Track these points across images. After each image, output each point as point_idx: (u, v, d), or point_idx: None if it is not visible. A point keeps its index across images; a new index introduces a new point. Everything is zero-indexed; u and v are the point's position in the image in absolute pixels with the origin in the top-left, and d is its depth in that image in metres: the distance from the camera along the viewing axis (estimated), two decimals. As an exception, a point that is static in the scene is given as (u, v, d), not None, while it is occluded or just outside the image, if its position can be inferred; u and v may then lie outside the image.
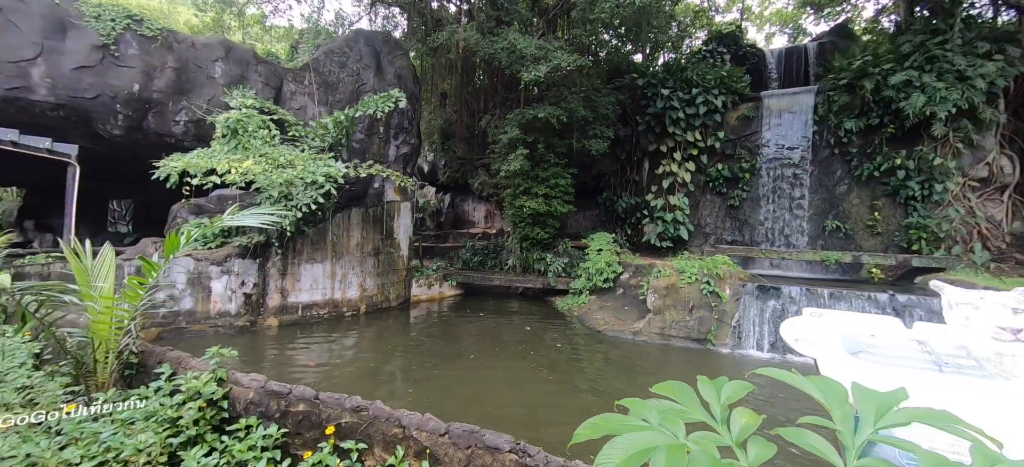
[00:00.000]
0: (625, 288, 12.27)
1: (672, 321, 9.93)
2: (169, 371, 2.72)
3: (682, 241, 14.47)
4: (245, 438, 2.29)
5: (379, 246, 11.84)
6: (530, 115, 13.12)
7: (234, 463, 2.20)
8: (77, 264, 2.84)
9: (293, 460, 2.24)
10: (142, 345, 3.07)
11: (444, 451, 1.86)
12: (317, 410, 2.29)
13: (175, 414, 2.41)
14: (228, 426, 2.45)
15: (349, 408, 2.22)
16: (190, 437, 2.35)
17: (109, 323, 2.77)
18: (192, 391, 2.49)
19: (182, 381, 2.56)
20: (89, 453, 2.19)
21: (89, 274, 2.86)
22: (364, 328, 10.51)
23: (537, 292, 14.75)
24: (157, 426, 2.35)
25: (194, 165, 8.06)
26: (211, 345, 3.22)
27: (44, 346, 3.06)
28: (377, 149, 12.65)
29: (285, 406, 2.35)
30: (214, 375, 2.57)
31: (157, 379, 2.77)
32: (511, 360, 8.35)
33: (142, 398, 2.58)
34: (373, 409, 2.18)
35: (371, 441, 2.12)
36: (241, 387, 2.53)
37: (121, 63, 9.53)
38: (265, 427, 2.32)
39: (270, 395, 2.41)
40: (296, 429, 2.32)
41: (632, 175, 16.74)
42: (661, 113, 14.81)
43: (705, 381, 1.23)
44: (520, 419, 5.68)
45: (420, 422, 2.03)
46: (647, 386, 6.14)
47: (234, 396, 2.53)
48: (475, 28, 12.91)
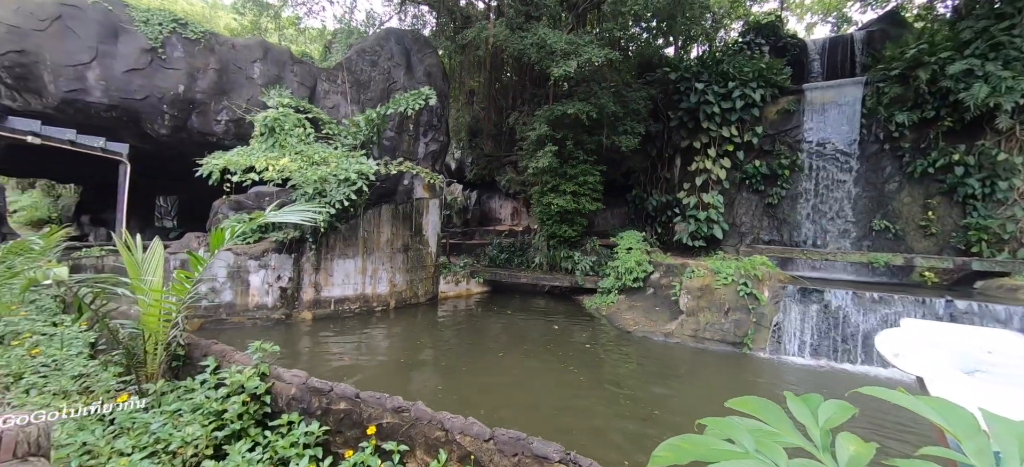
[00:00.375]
0: (656, 288, 11.94)
1: (706, 323, 9.58)
2: (214, 364, 2.78)
3: (716, 241, 13.97)
4: (287, 434, 2.29)
5: (408, 242, 11.96)
6: (559, 111, 12.94)
7: (277, 459, 2.21)
8: (128, 258, 2.93)
9: (334, 458, 2.22)
10: (188, 337, 3.15)
11: (489, 458, 1.79)
12: (358, 409, 2.26)
13: (220, 407, 2.44)
14: (270, 421, 2.47)
15: (390, 408, 2.19)
16: (234, 431, 2.38)
17: (158, 315, 2.85)
18: (236, 385, 2.52)
19: (226, 375, 2.60)
20: (140, 443, 2.24)
21: (140, 268, 2.95)
22: (393, 323, 10.65)
23: (564, 290, 14.59)
24: (203, 418, 2.39)
25: (234, 163, 8.34)
26: (249, 337, 3.28)
27: (98, 337, 3.19)
28: (407, 146, 12.77)
29: (326, 404, 2.34)
30: (257, 370, 2.60)
31: (202, 372, 2.83)
32: (540, 359, 8.25)
33: (188, 390, 2.64)
34: (415, 410, 2.13)
35: (413, 443, 2.08)
36: (283, 383, 2.55)
37: (168, 65, 9.97)
38: (307, 424, 2.32)
39: (312, 392, 2.41)
40: (337, 427, 2.30)
41: (663, 172, 16.29)
42: (695, 108, 14.32)
43: (795, 398, 1.10)
44: (554, 422, 5.58)
45: (463, 426, 1.97)
46: (683, 390, 5.99)
47: (276, 391, 2.54)
48: (504, 24, 12.82)
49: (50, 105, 9.40)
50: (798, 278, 10.12)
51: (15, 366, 3.20)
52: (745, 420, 1.06)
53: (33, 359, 3.29)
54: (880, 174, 12.34)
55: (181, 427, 2.30)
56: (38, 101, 9.37)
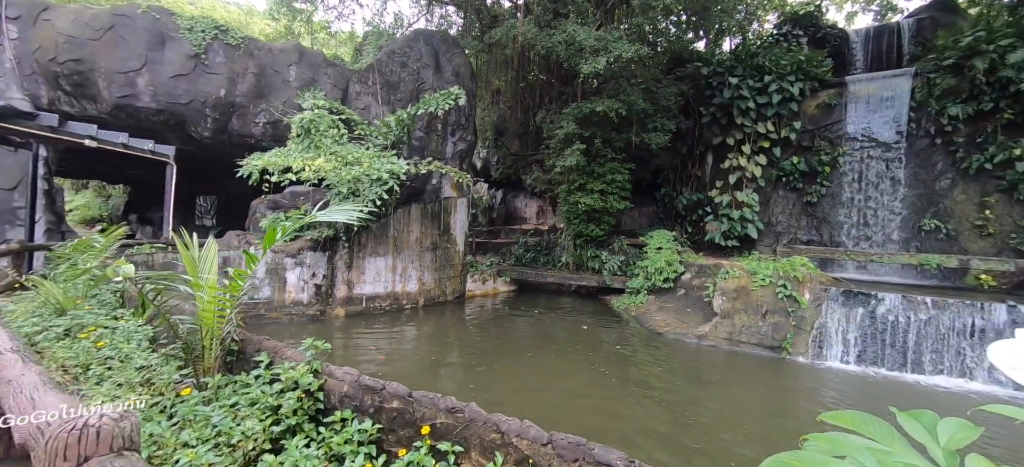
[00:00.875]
0: (687, 289, 11.66)
1: (742, 326, 9.27)
2: (267, 360, 2.86)
3: (750, 240, 13.51)
4: (341, 430, 2.33)
5: (437, 241, 12.08)
6: (587, 109, 12.79)
7: (331, 455, 2.25)
8: (186, 255, 3.05)
9: (388, 457, 2.25)
10: (241, 333, 3.26)
11: (548, 462, 1.76)
12: (411, 408, 2.28)
13: (275, 402, 2.51)
14: (323, 417, 2.51)
15: (444, 409, 2.19)
16: (289, 426, 2.44)
17: (214, 311, 2.95)
18: (290, 381, 2.58)
19: (280, 370, 2.67)
20: (202, 436, 2.32)
21: (197, 265, 3.06)
22: (422, 321, 10.78)
23: (591, 290, 14.43)
24: (260, 413, 2.46)
25: (273, 163, 8.61)
26: (286, 332, 3.36)
27: (158, 331, 3.34)
28: (435, 146, 12.90)
29: (379, 402, 2.36)
30: (310, 366, 2.66)
31: (255, 367, 2.91)
32: (571, 360, 8.17)
33: (244, 385, 2.72)
34: (469, 411, 2.13)
35: (468, 445, 2.07)
36: (335, 380, 2.59)
37: (210, 71, 10.39)
38: (360, 421, 2.36)
39: (364, 390, 2.44)
40: (390, 426, 2.32)
41: (694, 170, 15.87)
42: (728, 103, 13.89)
43: (906, 415, 1.02)
44: (587, 425, 5.51)
45: (520, 429, 1.94)
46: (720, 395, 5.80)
47: (329, 388, 2.59)
48: (532, 22, 12.76)
49: (104, 110, 9.95)
50: (841, 280, 9.67)
51: (82, 358, 3.38)
52: (852, 437, 0.98)
53: (98, 351, 3.48)
54: (930, 170, 11.64)
55: (240, 421, 2.38)
56: (93, 106, 9.93)
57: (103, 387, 2.64)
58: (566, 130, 13.18)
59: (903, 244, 11.66)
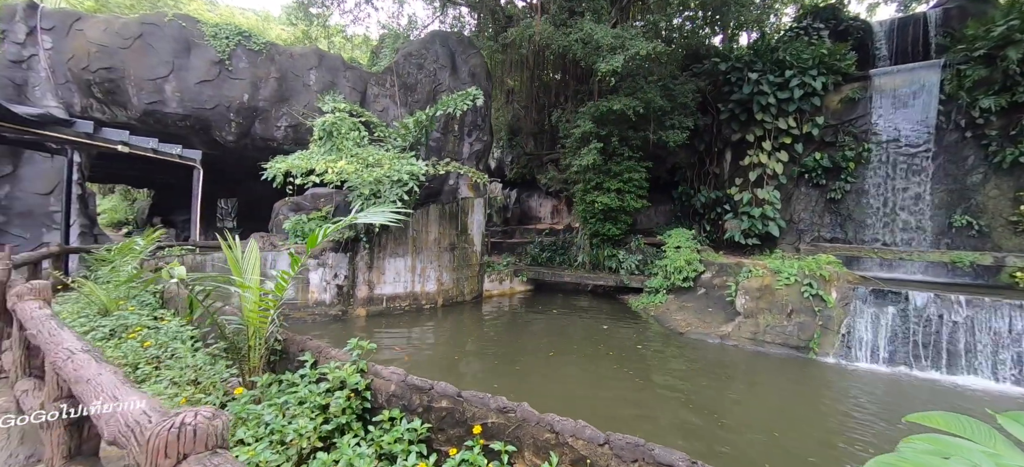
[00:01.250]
0: (707, 288, 11.52)
1: (766, 325, 9.12)
2: (311, 359, 2.91)
3: (771, 238, 13.29)
4: (391, 429, 2.36)
5: (455, 241, 12.15)
6: (604, 107, 12.72)
7: (382, 453, 2.28)
8: (231, 256, 3.12)
9: (438, 456, 2.27)
10: (284, 333, 3.33)
11: (605, 462, 1.76)
12: (460, 408, 2.30)
13: (323, 401, 2.55)
14: (371, 417, 2.55)
15: (494, 408, 2.21)
16: (338, 425, 2.49)
17: (258, 311, 3.02)
18: (337, 380, 2.63)
19: (326, 370, 2.72)
20: (257, 434, 2.38)
21: (241, 266, 3.14)
22: (442, 321, 10.85)
23: (608, 290, 14.36)
24: (310, 412, 2.51)
25: (296, 166, 8.76)
26: (311, 332, 3.42)
27: (206, 332, 3.43)
28: (452, 147, 12.97)
29: (428, 401, 2.39)
30: (356, 366, 2.71)
31: (299, 366, 2.97)
32: (593, 360, 8.14)
33: (291, 384, 2.78)
34: (520, 411, 2.14)
35: (520, 444, 2.08)
36: (382, 379, 2.63)
37: (234, 76, 10.62)
38: (409, 421, 2.39)
39: (412, 389, 2.47)
40: (439, 425, 2.35)
41: (712, 167, 15.67)
42: (748, 99, 13.67)
43: (1007, 416, 0.99)
44: (618, 427, 5.48)
45: (575, 429, 1.95)
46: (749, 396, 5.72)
47: (375, 387, 2.63)
48: (548, 21, 12.74)
49: (133, 117, 10.24)
50: (869, 279, 9.45)
51: (131, 357, 3.49)
52: (954, 439, 0.97)
53: (145, 350, 3.59)
54: (961, 165, 11.29)
55: (291, 419, 2.43)
56: (123, 113, 10.22)
57: (160, 386, 2.72)
58: (583, 129, 13.13)
59: (934, 241, 11.34)
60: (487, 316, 11.83)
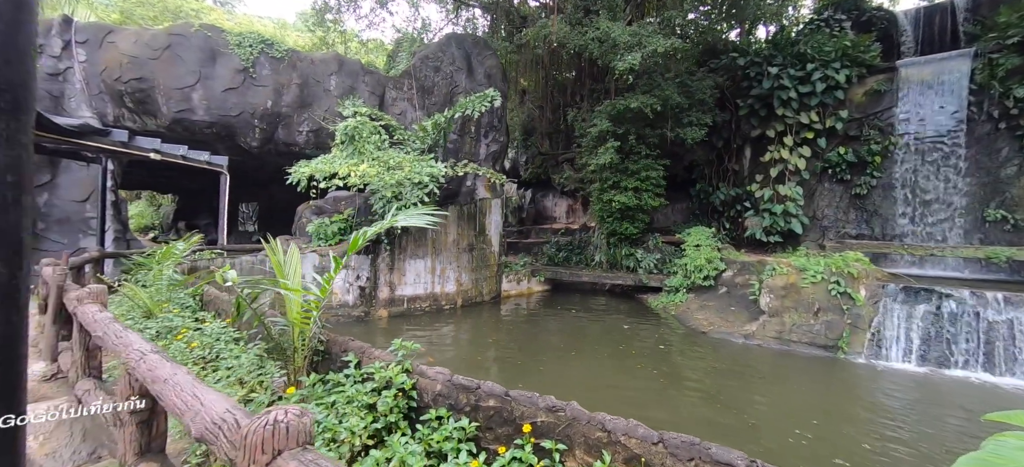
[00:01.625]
0: (729, 287, 11.38)
1: (792, 324, 8.98)
2: (355, 359, 2.99)
3: (794, 236, 13.04)
4: (438, 428, 2.41)
5: (473, 242, 12.23)
6: (621, 106, 12.65)
7: (431, 451, 2.33)
8: (275, 259, 3.22)
9: (487, 454, 2.32)
10: (326, 334, 3.42)
11: (660, 462, 1.78)
12: (508, 407, 2.34)
13: (370, 400, 2.62)
14: (418, 416, 2.61)
15: (543, 407, 2.24)
16: (387, 424, 2.55)
17: (302, 312, 3.11)
18: (384, 380, 2.69)
19: (371, 370, 2.79)
20: (309, 431, 2.46)
21: (284, 268, 3.23)
22: (462, 322, 10.93)
23: (626, 289, 14.28)
24: (358, 411, 2.58)
25: (319, 170, 8.94)
26: (335, 333, 3.49)
27: (253, 333, 3.54)
28: (469, 148, 13.05)
29: (475, 401, 2.43)
30: (402, 366, 2.77)
31: (343, 367, 3.05)
32: (616, 360, 8.12)
33: (338, 385, 2.86)
34: (570, 410, 2.17)
35: (571, 443, 2.11)
36: (427, 379, 2.69)
37: (257, 83, 10.87)
38: (456, 419, 2.44)
39: (458, 389, 2.52)
40: (487, 424, 2.39)
41: (731, 164, 15.46)
42: (768, 94, 13.45)
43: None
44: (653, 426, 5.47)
45: (627, 427, 1.97)
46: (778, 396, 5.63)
47: (421, 387, 2.69)
48: (564, 21, 12.73)
49: (162, 125, 10.56)
50: (899, 276, 9.23)
51: (179, 358, 3.62)
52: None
53: (191, 351, 3.71)
54: (994, 157, 10.93)
55: (343, 419, 2.50)
56: (153, 121, 10.56)
57: (217, 386, 2.82)
58: (599, 128, 13.09)
59: (966, 236, 11.00)
60: (506, 316, 11.89)
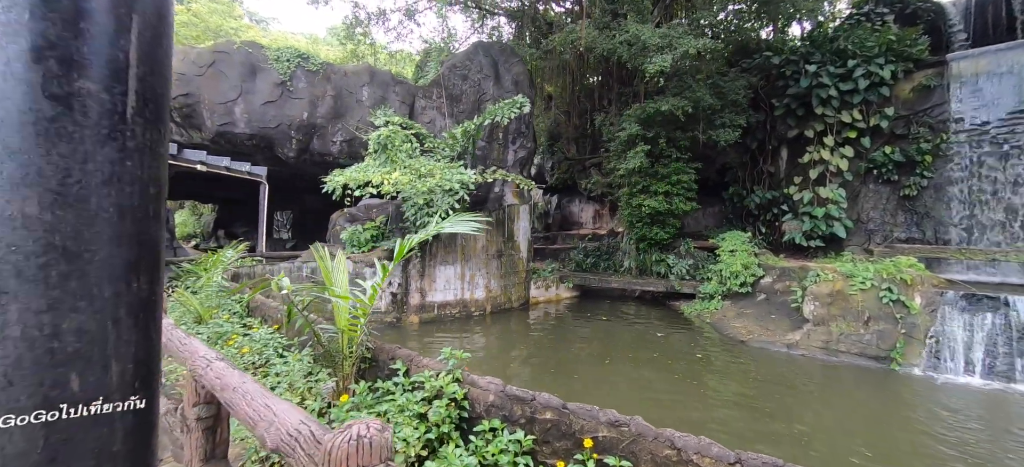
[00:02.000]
0: (768, 294, 10.95)
1: (840, 333, 8.52)
2: (404, 368, 2.99)
3: (836, 240, 12.44)
4: (493, 440, 2.37)
5: (502, 248, 12.22)
6: (651, 109, 12.44)
7: (485, 464, 2.29)
8: (324, 266, 3.27)
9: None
10: (373, 341, 3.44)
11: (738, 483, 1.67)
12: (566, 420, 2.27)
13: (422, 410, 2.60)
14: (470, 427, 2.58)
15: (605, 422, 2.17)
16: (439, 435, 2.53)
17: (349, 319, 3.14)
18: (434, 389, 2.68)
19: (422, 379, 2.78)
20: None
21: (332, 275, 3.28)
22: (491, 328, 10.91)
23: (656, 295, 13.95)
24: (409, 420, 2.56)
25: (353, 178, 9.14)
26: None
27: (304, 340, 3.61)
28: (496, 155, 13.10)
29: (530, 413, 2.38)
30: (453, 375, 2.75)
31: (392, 375, 3.05)
32: (653, 369, 7.90)
33: (387, 393, 2.86)
34: (634, 425, 2.09)
35: (636, 460, 2.03)
36: (479, 389, 2.66)
37: (294, 96, 11.27)
38: (511, 431, 2.39)
39: (512, 400, 2.48)
40: (544, 437, 2.33)
41: (766, 166, 14.93)
42: (805, 93, 12.94)
43: None
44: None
45: (699, 446, 1.87)
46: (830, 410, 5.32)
47: (472, 397, 2.66)
48: (591, 25, 12.65)
49: (207, 138, 11.07)
50: (958, 283, 8.64)
51: (231, 363, 3.70)
52: None
53: (243, 357, 3.81)
54: (1063, 154, 10.13)
55: (396, 429, 2.50)
56: (199, 135, 11.08)
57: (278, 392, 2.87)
58: (628, 131, 12.89)
59: (1031, 239, 10.21)
60: (536, 323, 11.79)
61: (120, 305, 0.79)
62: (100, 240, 0.76)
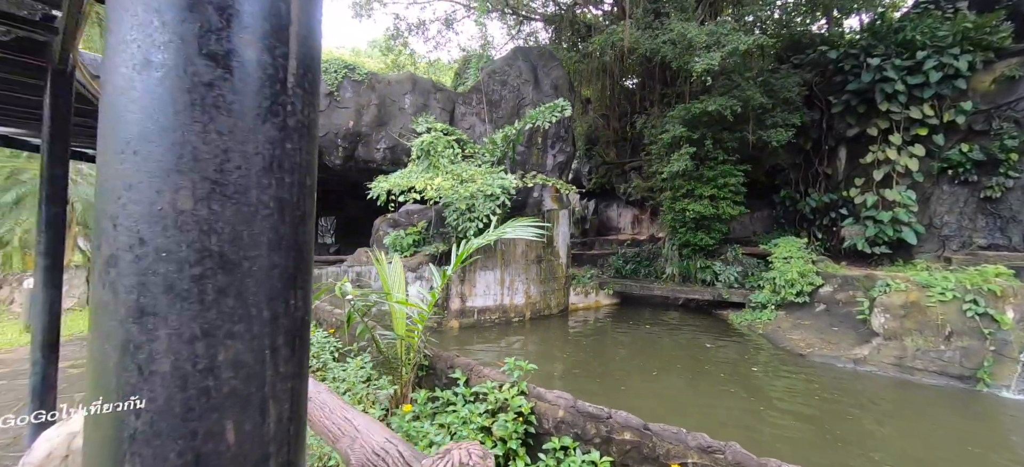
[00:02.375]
0: (828, 304, 10.23)
1: (916, 349, 7.79)
2: (463, 377, 2.92)
3: (905, 246, 11.45)
4: (564, 460, 2.25)
5: (541, 254, 12.08)
6: (697, 109, 11.97)
7: (557, 485, 2.17)
8: (383, 272, 3.27)
9: (624, 493, 2.11)
10: (431, 349, 3.41)
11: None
12: (649, 442, 2.12)
13: (486, 423, 2.52)
14: (538, 443, 2.47)
15: (694, 447, 2.00)
16: (505, 450, 2.43)
17: (407, 326, 3.11)
18: (498, 401, 2.59)
19: (484, 389, 2.70)
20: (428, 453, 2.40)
21: (389, 281, 3.27)
22: (531, 334, 10.77)
23: (701, 304, 13.34)
24: (474, 434, 2.48)
25: (397, 184, 9.30)
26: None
27: (361, 345, 3.65)
28: (535, 159, 13.01)
29: (606, 432, 2.24)
30: (518, 387, 2.65)
31: (451, 384, 2.99)
32: (706, 382, 7.51)
33: (448, 403, 2.80)
34: (730, 452, 1.91)
35: (734, 492, 1.85)
36: (546, 403, 2.54)
37: (341, 105, 11.66)
38: (584, 451, 2.26)
39: (585, 417, 2.35)
40: (622, 460, 2.19)
41: (822, 167, 14.02)
42: (867, 88, 12.05)
43: None
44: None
45: (810, 481, 1.68)
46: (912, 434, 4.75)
47: (539, 412, 2.55)
48: (633, 25, 12.36)
49: (260, 147, 11.62)
50: (1058, 294, 7.69)
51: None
52: None
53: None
54: None
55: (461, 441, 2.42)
56: (252, 145, 11.65)
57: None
58: (672, 133, 12.46)
59: None
60: (576, 330, 11.55)
61: (279, 329, 0.61)
62: (260, 244, 0.59)
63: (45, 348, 3.87)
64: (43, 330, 3.86)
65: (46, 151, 3.86)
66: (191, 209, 0.54)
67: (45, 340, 3.86)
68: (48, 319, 3.88)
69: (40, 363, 3.87)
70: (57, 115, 3.89)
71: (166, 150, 0.54)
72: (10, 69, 4.17)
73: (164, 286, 0.54)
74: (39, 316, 3.85)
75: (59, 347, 4.03)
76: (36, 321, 3.85)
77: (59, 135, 3.91)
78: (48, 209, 3.89)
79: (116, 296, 0.54)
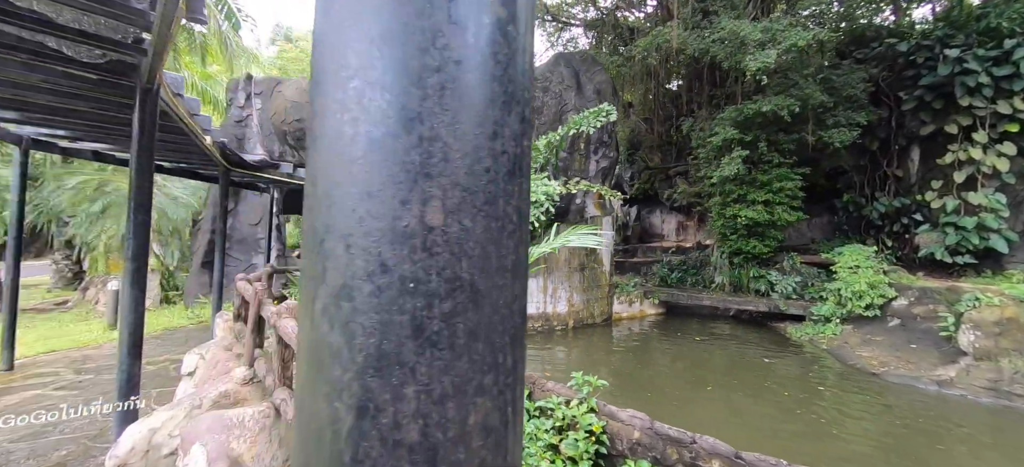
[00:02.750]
0: (903, 318, 9.36)
1: (1015, 372, 6.94)
2: (527, 390, 2.84)
3: (993, 255, 10.32)
4: (644, 485, 2.12)
5: (584, 261, 11.85)
6: (750, 110, 11.38)
7: (636, 511, 2.04)
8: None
9: (714, 526, 1.96)
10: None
11: None
12: (741, 472, 1.95)
13: (553, 440, 2.42)
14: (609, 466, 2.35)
15: (797, 481, 1.82)
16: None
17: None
18: (566, 418, 2.49)
19: (549, 405, 2.60)
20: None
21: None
22: (574, 344, 10.56)
23: (755, 316, 12.58)
24: (542, 452, 2.39)
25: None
26: None
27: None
28: (578, 165, 12.83)
29: (690, 458, 2.10)
30: (587, 404, 2.55)
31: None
32: (765, 400, 7.03)
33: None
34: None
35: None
36: (618, 422, 2.42)
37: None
38: (666, 477, 2.12)
39: (664, 440, 2.21)
40: (709, 489, 2.03)
41: (891, 169, 12.94)
42: (944, 82, 11.02)
43: None
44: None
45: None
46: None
47: (611, 431, 2.43)
48: (680, 26, 11.98)
49: (313, 158, 12.19)
50: None
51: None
52: None
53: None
54: None
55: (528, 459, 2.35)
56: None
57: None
58: (723, 136, 11.91)
59: None
60: (620, 340, 11.22)
61: (517, 379, 0.47)
62: (504, 269, 0.46)
63: (131, 346, 4.16)
64: (129, 329, 4.15)
65: (135, 164, 4.17)
66: (441, 225, 0.42)
67: (131, 339, 4.15)
68: (134, 318, 4.17)
69: (126, 361, 4.17)
70: (144, 131, 4.20)
71: (410, 146, 0.41)
72: (103, 90, 4.57)
73: (412, 329, 0.41)
74: (126, 315, 4.14)
75: (142, 345, 4.32)
76: (123, 320, 4.14)
77: (145, 149, 4.22)
78: (136, 217, 4.19)
79: (350, 340, 0.41)
